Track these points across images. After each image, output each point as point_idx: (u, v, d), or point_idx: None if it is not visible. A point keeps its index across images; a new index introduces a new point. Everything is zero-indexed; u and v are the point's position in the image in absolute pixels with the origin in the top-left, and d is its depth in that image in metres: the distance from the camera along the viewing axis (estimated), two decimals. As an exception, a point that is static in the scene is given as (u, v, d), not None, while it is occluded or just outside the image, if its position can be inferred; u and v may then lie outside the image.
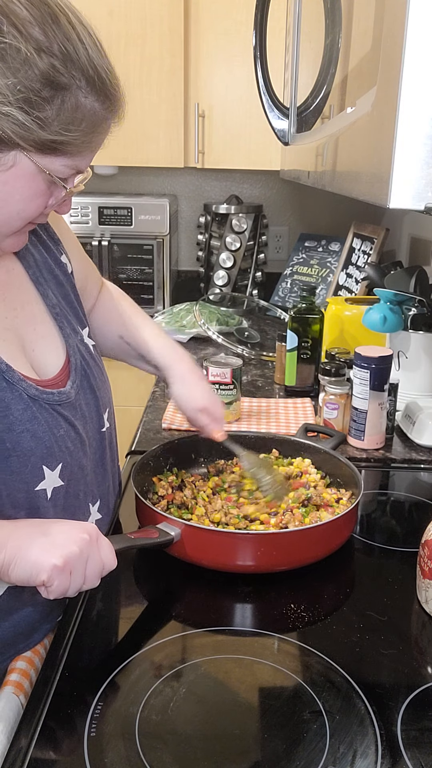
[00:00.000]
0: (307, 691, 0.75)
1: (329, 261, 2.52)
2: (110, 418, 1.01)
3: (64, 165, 0.76)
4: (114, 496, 1.05)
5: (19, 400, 0.81)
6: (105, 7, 2.23)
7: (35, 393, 0.83)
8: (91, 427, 0.94)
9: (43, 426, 0.83)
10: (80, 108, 0.73)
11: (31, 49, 0.68)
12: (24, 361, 0.86)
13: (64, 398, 0.88)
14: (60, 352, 0.92)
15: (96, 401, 0.95)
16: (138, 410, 1.64)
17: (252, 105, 1.79)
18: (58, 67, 0.70)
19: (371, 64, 0.72)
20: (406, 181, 0.61)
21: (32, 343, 0.89)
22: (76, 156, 0.76)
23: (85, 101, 0.73)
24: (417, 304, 1.46)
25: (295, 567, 0.95)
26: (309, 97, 1.20)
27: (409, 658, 0.81)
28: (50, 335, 0.92)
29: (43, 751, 0.67)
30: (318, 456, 1.17)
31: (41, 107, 0.70)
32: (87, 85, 0.73)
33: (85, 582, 0.77)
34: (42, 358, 0.90)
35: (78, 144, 0.75)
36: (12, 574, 0.74)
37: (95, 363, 0.98)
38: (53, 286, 0.95)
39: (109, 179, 2.77)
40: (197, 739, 0.69)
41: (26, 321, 0.89)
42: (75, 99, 0.72)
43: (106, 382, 1.01)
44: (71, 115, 0.72)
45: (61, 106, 0.71)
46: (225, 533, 0.93)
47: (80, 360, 0.94)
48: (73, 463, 0.88)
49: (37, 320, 0.91)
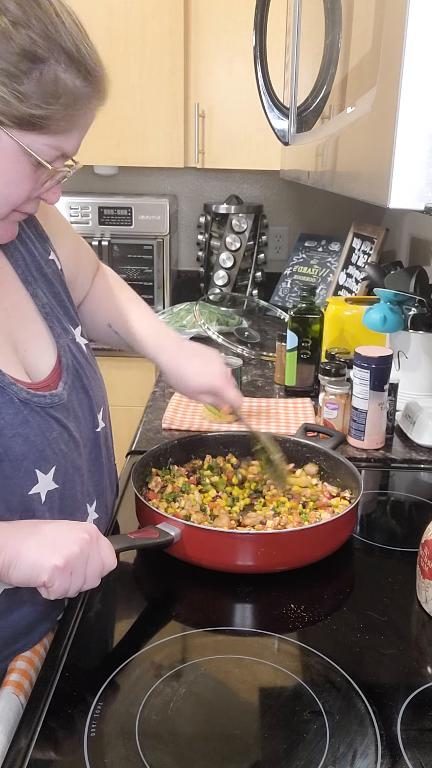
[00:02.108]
0: (307, 691, 0.75)
1: (329, 261, 2.52)
2: (105, 417, 1.00)
3: (47, 145, 0.75)
4: (111, 495, 1.04)
5: (10, 404, 0.81)
6: (105, 7, 2.23)
7: (26, 396, 0.83)
8: (85, 428, 0.93)
9: (35, 429, 0.83)
10: (59, 82, 0.73)
11: (7, 22, 0.69)
12: (16, 362, 0.86)
13: (56, 400, 0.87)
14: (51, 353, 0.91)
15: (89, 401, 0.95)
16: (138, 410, 1.64)
17: (252, 105, 1.79)
18: (36, 40, 0.70)
19: (371, 64, 0.72)
20: (406, 181, 0.60)
21: (24, 343, 0.88)
22: (58, 134, 0.76)
23: (64, 76, 0.73)
24: (417, 304, 1.46)
25: (295, 567, 0.95)
26: (309, 97, 1.20)
27: (409, 658, 0.81)
28: (41, 335, 0.91)
29: (43, 752, 0.67)
30: (318, 456, 1.17)
31: (19, 80, 0.70)
32: (66, 59, 0.72)
33: (85, 582, 0.77)
34: (34, 358, 0.89)
35: (58, 119, 0.74)
36: (12, 575, 0.74)
37: (87, 362, 0.97)
38: (43, 285, 0.94)
39: (109, 179, 2.77)
40: (197, 739, 0.69)
41: (17, 321, 0.88)
42: (54, 73, 0.72)
43: (99, 381, 1.00)
44: (50, 88, 0.72)
45: (39, 79, 0.71)
46: (225, 533, 0.93)
47: (72, 360, 0.93)
48: (68, 464, 0.88)
49: (28, 320, 0.90)
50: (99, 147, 2.37)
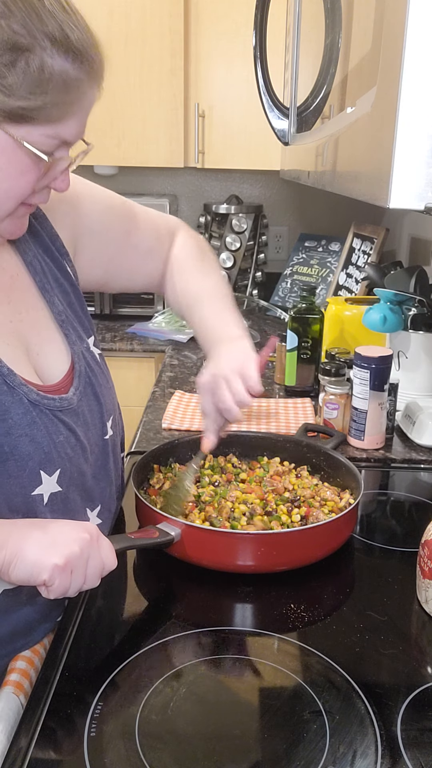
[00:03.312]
0: (307, 691, 0.75)
1: (329, 261, 2.52)
2: (114, 426, 1.00)
3: (44, 135, 0.74)
4: (116, 501, 1.04)
5: (19, 404, 0.81)
6: (105, 7, 2.23)
7: (36, 398, 0.83)
8: (93, 434, 0.93)
9: (42, 431, 0.83)
10: (46, 69, 0.70)
11: None
12: (27, 365, 0.86)
13: (65, 404, 0.87)
14: (65, 359, 0.92)
15: (100, 408, 0.95)
16: (138, 410, 1.63)
17: (252, 105, 1.79)
18: (17, 30, 0.68)
19: (371, 64, 0.72)
20: (406, 181, 0.61)
21: (36, 347, 0.89)
22: (55, 123, 0.74)
23: (51, 62, 0.71)
24: (417, 304, 1.46)
25: (295, 567, 0.95)
26: (309, 97, 1.20)
27: (409, 658, 0.81)
28: (55, 341, 0.92)
29: (43, 752, 0.67)
30: (318, 456, 1.17)
31: (3, 74, 0.69)
32: (51, 44, 0.70)
33: (85, 582, 0.77)
34: (46, 363, 0.89)
35: (51, 108, 0.72)
36: (12, 573, 0.74)
37: (101, 371, 0.98)
38: (59, 294, 0.94)
39: (109, 179, 2.77)
40: (197, 739, 0.69)
41: (31, 325, 0.89)
42: (40, 60, 0.70)
43: (111, 390, 1.01)
44: (37, 77, 0.70)
45: (25, 70, 0.69)
46: (225, 533, 0.93)
47: (85, 367, 0.94)
48: (73, 469, 0.88)
49: (42, 325, 0.91)
50: (99, 147, 2.35)
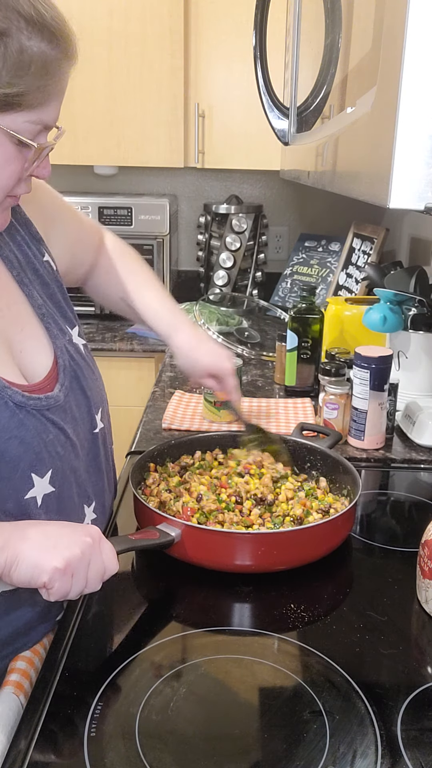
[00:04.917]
0: (307, 691, 0.75)
1: (329, 261, 2.52)
2: (104, 418, 1.00)
3: (28, 121, 0.74)
4: (110, 495, 1.04)
5: (5, 408, 0.80)
6: (105, 7, 2.23)
7: (21, 399, 0.82)
8: (82, 429, 0.93)
9: (31, 432, 0.82)
10: (25, 51, 0.71)
11: None
12: (11, 364, 0.85)
13: (52, 403, 0.86)
14: (48, 354, 0.91)
15: (87, 402, 0.94)
16: (138, 410, 1.63)
17: (252, 105, 1.79)
18: None
19: (371, 64, 0.72)
20: (406, 181, 0.60)
21: (19, 344, 0.88)
22: (37, 108, 0.74)
23: (29, 43, 0.71)
24: (417, 304, 1.46)
25: (295, 567, 0.95)
26: (309, 97, 1.19)
27: (409, 658, 0.81)
28: (37, 336, 0.91)
29: (43, 753, 0.67)
30: (316, 455, 1.17)
31: None
32: (27, 25, 0.70)
33: (86, 585, 0.77)
34: (30, 359, 0.88)
35: (33, 92, 0.73)
36: (14, 575, 0.74)
37: (86, 363, 0.97)
38: (38, 287, 0.93)
39: (109, 179, 2.77)
40: (197, 739, 0.69)
41: (12, 322, 0.88)
42: (18, 43, 0.70)
43: (98, 381, 0.99)
44: (17, 60, 0.70)
45: (5, 54, 0.69)
46: (225, 533, 0.93)
47: (69, 361, 0.93)
48: (65, 467, 0.87)
49: (24, 321, 0.90)
50: (99, 147, 2.37)
